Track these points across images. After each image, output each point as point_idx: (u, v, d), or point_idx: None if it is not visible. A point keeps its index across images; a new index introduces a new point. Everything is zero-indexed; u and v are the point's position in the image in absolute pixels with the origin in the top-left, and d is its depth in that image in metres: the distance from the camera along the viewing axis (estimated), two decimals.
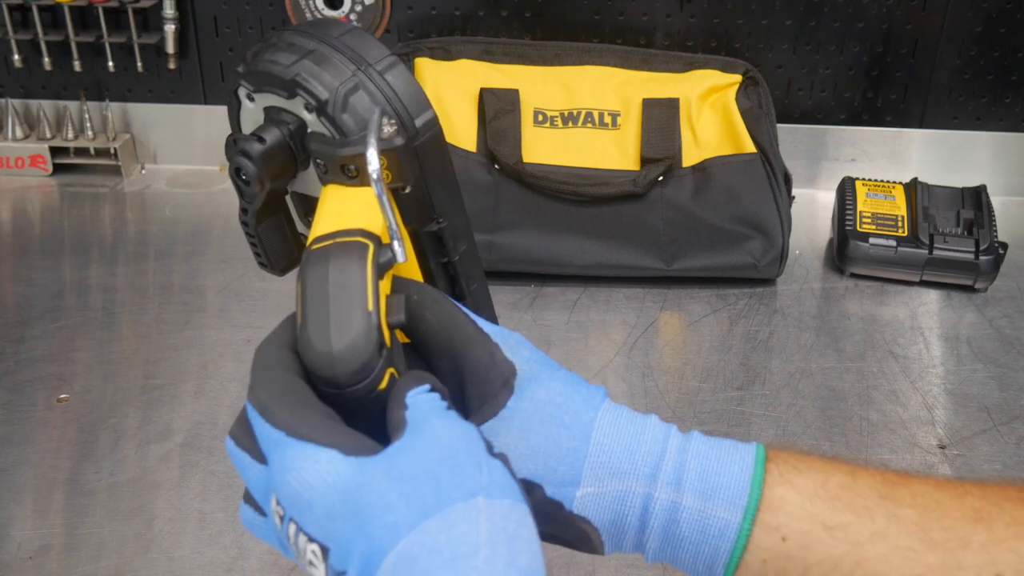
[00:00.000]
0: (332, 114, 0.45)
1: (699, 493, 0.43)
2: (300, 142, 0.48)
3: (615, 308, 0.94)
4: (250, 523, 0.43)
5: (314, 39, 0.47)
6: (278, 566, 0.63)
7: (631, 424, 0.44)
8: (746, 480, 0.43)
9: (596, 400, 0.45)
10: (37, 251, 1.04)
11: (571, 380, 0.46)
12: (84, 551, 0.64)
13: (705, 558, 0.43)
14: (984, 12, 1.08)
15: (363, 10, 1.11)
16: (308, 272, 0.41)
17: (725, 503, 0.42)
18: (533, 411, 0.44)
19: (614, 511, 0.44)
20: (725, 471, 0.43)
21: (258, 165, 0.47)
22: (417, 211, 0.49)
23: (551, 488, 0.43)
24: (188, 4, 1.13)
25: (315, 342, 0.40)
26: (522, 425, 0.43)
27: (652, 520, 0.43)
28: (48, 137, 1.18)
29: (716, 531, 0.42)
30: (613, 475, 0.43)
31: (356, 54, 0.47)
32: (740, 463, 0.43)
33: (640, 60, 1.04)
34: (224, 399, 0.80)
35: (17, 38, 1.13)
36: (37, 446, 0.74)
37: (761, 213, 0.97)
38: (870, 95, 1.14)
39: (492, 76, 1.02)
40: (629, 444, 0.44)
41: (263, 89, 0.48)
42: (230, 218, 1.10)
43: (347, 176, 0.46)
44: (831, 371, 0.85)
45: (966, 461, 0.74)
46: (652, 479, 0.43)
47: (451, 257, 0.52)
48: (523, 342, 0.46)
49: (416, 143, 0.47)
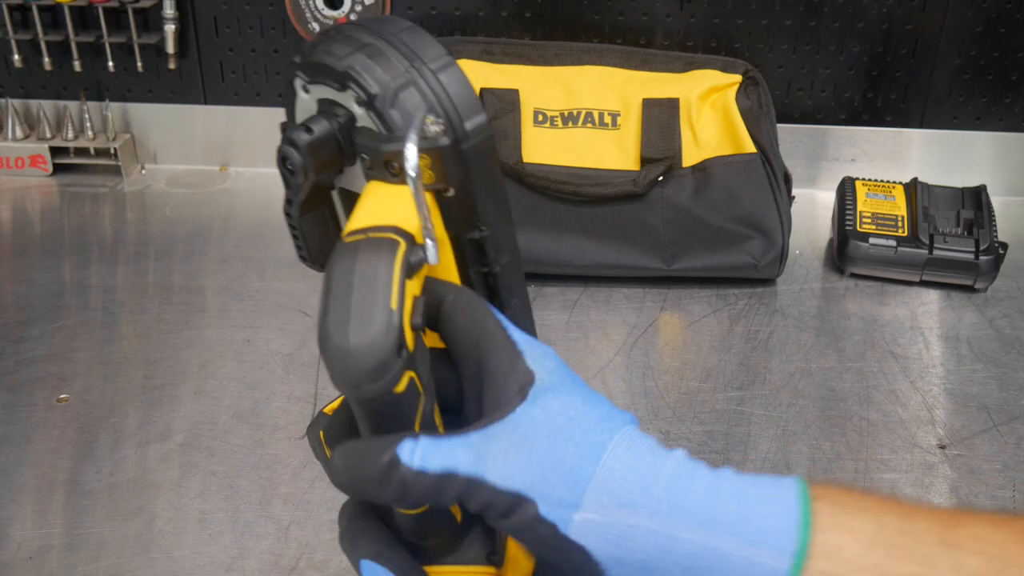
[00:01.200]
0: (381, 109, 0.45)
1: (742, 538, 0.38)
2: (348, 136, 0.47)
3: (615, 308, 0.94)
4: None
5: (371, 33, 0.47)
6: (278, 566, 0.63)
7: (651, 455, 0.40)
8: (792, 522, 0.38)
9: (616, 423, 0.41)
10: (37, 251, 1.04)
11: (593, 398, 0.42)
12: (84, 551, 0.65)
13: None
14: (984, 12, 1.08)
15: (363, 10, 1.11)
16: (335, 264, 0.41)
17: (771, 549, 0.38)
18: (542, 420, 0.41)
19: (622, 548, 0.40)
20: (770, 512, 0.38)
21: (304, 155, 0.46)
22: (459, 216, 0.48)
23: (545, 506, 0.39)
24: (188, 4, 1.13)
25: (333, 335, 0.39)
26: (527, 433, 0.40)
27: (677, 562, 0.39)
28: (48, 137, 1.18)
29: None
30: (622, 506, 0.39)
31: (411, 51, 0.46)
32: (785, 503, 0.39)
33: (640, 60, 1.04)
34: (224, 399, 0.80)
35: (17, 38, 1.13)
36: (37, 446, 0.74)
37: (761, 213, 0.97)
38: (870, 95, 1.14)
39: (492, 76, 1.02)
40: (644, 476, 0.39)
41: (317, 80, 0.47)
42: (230, 218, 1.10)
43: (390, 173, 0.45)
44: (831, 371, 0.85)
45: (966, 461, 0.74)
46: (674, 518, 0.39)
47: (492, 268, 0.50)
48: (551, 354, 0.44)
49: (464, 146, 0.46)
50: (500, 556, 0.50)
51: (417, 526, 0.48)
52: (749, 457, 0.74)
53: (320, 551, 0.64)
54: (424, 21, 1.12)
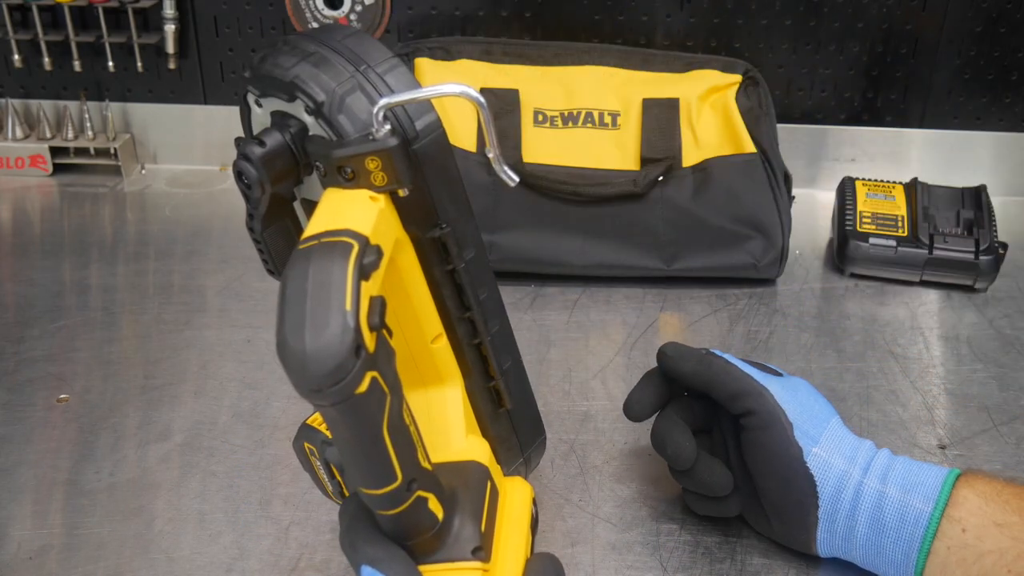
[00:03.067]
0: (329, 116, 0.45)
1: (901, 487, 0.56)
2: (302, 146, 0.47)
3: (615, 308, 0.94)
4: None
5: (316, 42, 0.47)
6: (278, 566, 0.63)
7: (853, 437, 0.61)
8: (939, 481, 0.56)
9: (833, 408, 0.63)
10: (37, 251, 1.04)
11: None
12: (84, 551, 0.65)
13: (903, 544, 0.55)
14: (984, 12, 1.08)
15: (363, 10, 1.11)
16: (289, 271, 0.41)
17: (921, 497, 0.55)
18: (798, 385, 0.63)
19: (834, 486, 0.58)
20: (923, 473, 0.57)
21: (258, 168, 0.46)
22: (418, 216, 0.48)
23: (799, 432, 0.59)
24: (188, 4, 1.13)
25: (290, 341, 0.39)
26: (786, 385, 0.62)
27: (862, 503, 0.57)
28: (48, 137, 1.18)
29: (912, 519, 0.55)
30: (842, 456, 0.59)
31: (356, 56, 0.46)
32: (936, 471, 0.57)
33: (640, 60, 1.04)
34: (224, 399, 0.80)
35: (17, 38, 1.13)
36: (37, 446, 0.74)
37: (761, 213, 0.97)
38: (870, 95, 1.14)
39: (492, 76, 1.02)
40: (853, 443, 0.60)
41: (268, 93, 0.47)
42: (230, 218, 1.10)
43: (343, 178, 0.45)
44: (831, 371, 0.85)
45: (966, 461, 0.74)
46: (865, 471, 0.58)
47: (455, 265, 0.51)
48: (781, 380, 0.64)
49: (415, 146, 0.46)
50: (486, 551, 0.50)
51: (399, 526, 0.48)
52: None
53: (320, 551, 0.64)
54: (424, 21, 1.12)
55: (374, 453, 0.44)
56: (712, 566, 0.63)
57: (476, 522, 0.50)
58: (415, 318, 0.52)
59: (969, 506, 0.54)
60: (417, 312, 0.52)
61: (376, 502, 0.47)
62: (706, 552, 0.65)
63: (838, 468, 0.58)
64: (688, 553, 0.65)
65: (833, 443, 0.59)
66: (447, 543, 0.49)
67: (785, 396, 0.60)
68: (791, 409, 0.59)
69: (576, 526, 0.67)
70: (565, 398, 0.81)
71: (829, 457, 0.58)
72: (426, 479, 0.48)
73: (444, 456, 0.53)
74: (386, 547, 0.48)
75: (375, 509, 0.48)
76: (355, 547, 0.48)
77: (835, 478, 0.58)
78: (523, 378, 0.60)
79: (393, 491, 0.46)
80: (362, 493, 0.47)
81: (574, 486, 0.71)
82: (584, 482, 0.71)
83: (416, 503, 0.47)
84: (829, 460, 0.58)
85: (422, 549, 0.49)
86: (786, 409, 0.59)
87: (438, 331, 0.54)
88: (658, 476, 0.71)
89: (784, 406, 0.59)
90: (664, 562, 0.64)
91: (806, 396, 0.61)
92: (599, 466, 0.73)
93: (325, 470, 0.55)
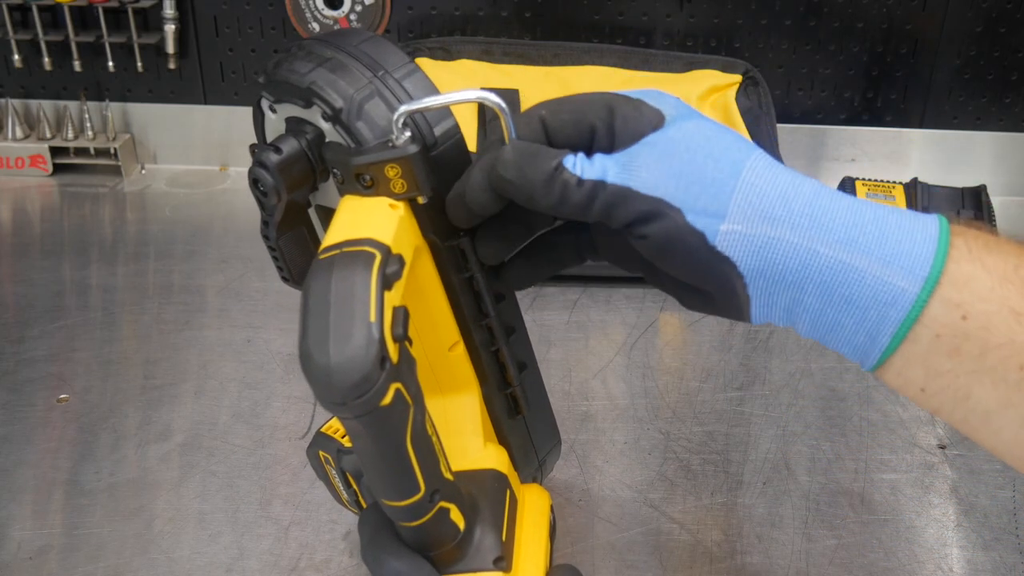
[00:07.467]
0: (347, 122, 0.44)
1: (876, 258, 0.40)
2: (318, 152, 0.46)
3: (615, 308, 0.94)
4: None
5: (333, 47, 0.46)
6: (278, 566, 0.63)
7: (789, 175, 0.43)
8: (929, 251, 0.40)
9: (750, 145, 0.44)
10: (37, 251, 1.04)
11: (723, 126, 0.45)
12: (84, 551, 0.64)
13: (869, 325, 0.41)
14: (984, 12, 1.08)
15: (363, 10, 1.11)
16: (311, 282, 0.40)
17: (903, 271, 0.40)
18: (680, 139, 0.43)
19: (764, 258, 0.42)
20: (906, 239, 0.41)
21: (274, 176, 0.45)
22: (437, 223, 0.47)
23: (691, 215, 0.42)
24: (188, 4, 1.13)
25: (313, 354, 0.38)
26: (665, 150, 0.42)
27: (812, 276, 0.41)
28: (48, 137, 1.18)
29: (888, 298, 0.40)
30: (764, 219, 0.42)
31: (374, 61, 0.46)
32: (923, 232, 0.41)
33: (640, 60, 1.04)
34: (224, 399, 0.80)
35: (17, 38, 1.13)
36: (37, 446, 0.74)
37: None
38: (870, 95, 1.14)
39: (492, 76, 1.02)
40: (785, 191, 0.42)
41: (283, 99, 0.47)
42: (230, 218, 1.10)
43: (362, 186, 0.44)
44: (831, 371, 0.85)
45: (966, 461, 0.74)
46: (813, 233, 0.41)
47: (474, 272, 0.50)
48: (668, 95, 0.46)
49: (434, 152, 0.46)
50: (508, 561, 0.50)
51: (421, 537, 0.48)
52: (749, 457, 0.74)
53: (320, 551, 0.64)
54: (424, 21, 1.12)
55: (397, 465, 0.44)
56: (712, 566, 0.63)
57: (497, 532, 0.50)
58: (433, 326, 0.51)
59: (976, 288, 0.40)
60: (435, 320, 0.51)
61: (399, 514, 0.47)
62: (706, 552, 0.65)
63: (763, 236, 0.41)
64: (688, 553, 0.65)
65: (752, 204, 0.42)
66: (468, 553, 0.49)
67: (660, 172, 0.42)
68: (671, 186, 0.42)
69: (576, 526, 0.67)
70: (565, 398, 0.81)
71: (748, 228, 0.42)
72: (448, 489, 0.47)
73: (462, 464, 0.52)
74: (411, 559, 0.47)
75: (397, 521, 0.47)
76: (379, 560, 0.48)
77: (761, 250, 0.42)
78: (539, 384, 0.58)
79: (416, 503, 0.45)
80: (384, 505, 0.47)
81: (574, 486, 0.71)
82: (584, 482, 0.71)
83: (439, 514, 0.47)
84: (749, 232, 0.42)
85: (444, 560, 0.49)
86: (664, 192, 0.42)
87: (456, 338, 0.53)
88: (658, 476, 0.71)
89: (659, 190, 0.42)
90: (664, 562, 0.64)
91: (696, 153, 0.42)
92: (599, 466, 0.73)
93: (341, 479, 0.55)
